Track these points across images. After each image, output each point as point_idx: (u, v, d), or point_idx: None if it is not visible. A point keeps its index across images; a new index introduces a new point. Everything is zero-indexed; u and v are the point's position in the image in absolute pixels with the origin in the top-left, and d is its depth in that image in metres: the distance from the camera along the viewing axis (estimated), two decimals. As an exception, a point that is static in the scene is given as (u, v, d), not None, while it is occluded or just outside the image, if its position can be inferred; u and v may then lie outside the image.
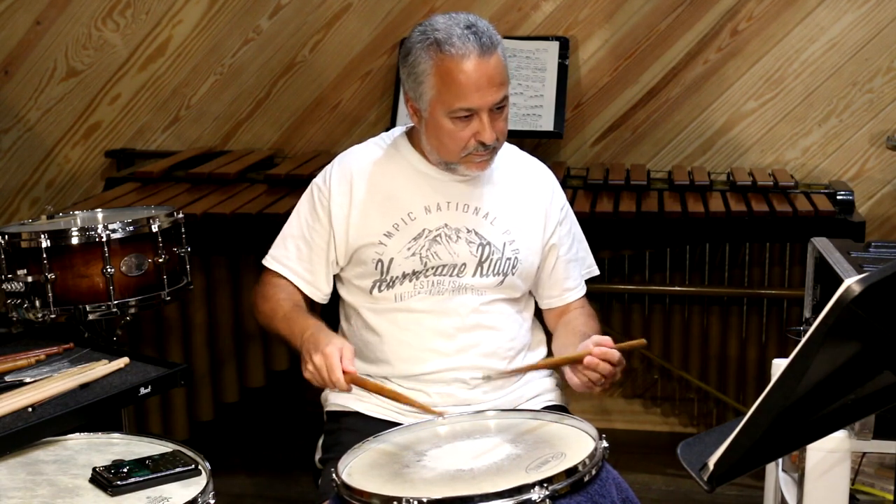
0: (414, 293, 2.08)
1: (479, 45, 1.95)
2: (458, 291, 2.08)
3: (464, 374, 2.07)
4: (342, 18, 3.60)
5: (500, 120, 2.01)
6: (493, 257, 2.09)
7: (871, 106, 3.37)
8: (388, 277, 2.08)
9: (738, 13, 3.39)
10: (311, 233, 2.13)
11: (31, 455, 1.81)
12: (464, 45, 1.94)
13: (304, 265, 2.14)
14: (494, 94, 1.97)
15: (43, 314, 2.26)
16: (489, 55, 1.95)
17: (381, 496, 1.59)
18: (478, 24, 1.98)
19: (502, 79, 1.98)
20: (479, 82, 1.95)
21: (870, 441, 1.99)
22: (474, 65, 1.94)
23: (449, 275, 2.08)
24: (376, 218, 2.09)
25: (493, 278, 2.09)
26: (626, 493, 1.77)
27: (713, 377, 3.32)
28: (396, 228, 2.08)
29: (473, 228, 2.09)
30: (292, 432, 3.61)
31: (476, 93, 1.95)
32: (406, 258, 2.07)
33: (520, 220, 2.13)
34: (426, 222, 2.08)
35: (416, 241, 2.07)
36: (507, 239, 2.11)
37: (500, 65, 1.98)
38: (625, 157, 3.52)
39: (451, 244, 2.08)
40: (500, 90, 1.98)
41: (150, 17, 3.67)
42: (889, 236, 3.41)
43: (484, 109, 1.97)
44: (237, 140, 3.74)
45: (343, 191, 2.11)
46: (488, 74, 1.95)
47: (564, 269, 2.20)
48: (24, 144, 3.82)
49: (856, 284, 1.08)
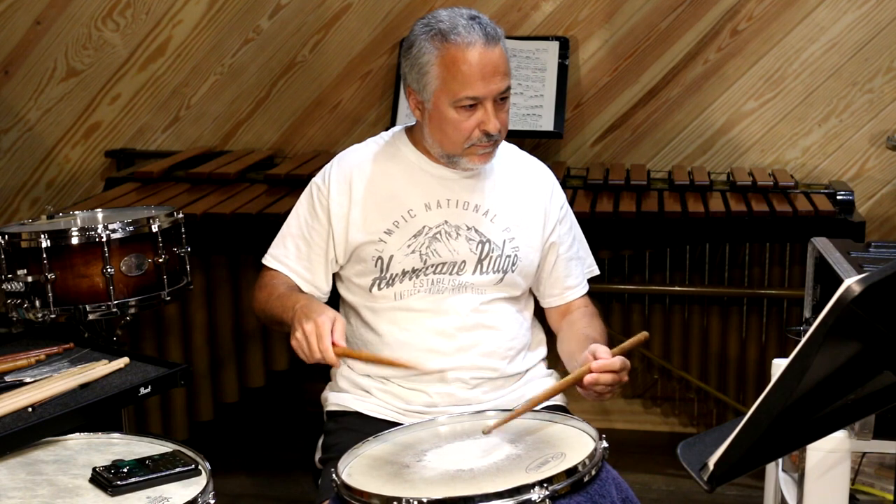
0: (413, 291, 2.08)
1: (484, 34, 1.97)
2: (457, 290, 2.08)
3: (463, 373, 2.07)
4: (342, 18, 3.60)
5: (502, 111, 2.03)
6: (492, 254, 2.09)
7: (871, 106, 3.37)
8: (387, 275, 2.08)
9: (738, 13, 3.39)
10: (311, 231, 2.13)
11: (31, 455, 1.80)
12: (469, 35, 1.96)
13: (304, 264, 2.14)
14: (499, 83, 1.99)
15: (43, 314, 2.26)
16: (494, 45, 1.98)
17: (381, 496, 1.59)
18: (481, 16, 2.02)
19: (506, 69, 2.01)
20: (484, 71, 1.96)
21: (870, 441, 2.00)
22: (480, 53, 1.96)
23: (448, 273, 2.08)
24: (376, 216, 2.09)
25: (493, 276, 2.09)
26: (625, 493, 1.77)
27: (713, 377, 3.32)
28: (396, 226, 2.08)
29: (473, 226, 2.09)
30: (292, 432, 3.61)
31: (481, 81, 1.97)
32: (406, 255, 2.07)
33: (519, 217, 2.13)
34: (426, 219, 2.08)
35: (415, 239, 2.07)
36: (507, 236, 2.11)
37: (503, 56, 2.00)
38: (625, 157, 3.52)
39: (450, 241, 2.08)
40: (504, 80, 2.00)
41: (150, 17, 3.68)
42: (889, 236, 3.41)
43: (489, 99, 1.98)
44: (237, 140, 3.74)
45: (342, 189, 2.11)
46: (493, 63, 1.97)
47: (565, 268, 2.20)
48: (24, 144, 3.82)
49: (856, 284, 1.08)
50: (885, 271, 1.09)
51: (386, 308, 2.10)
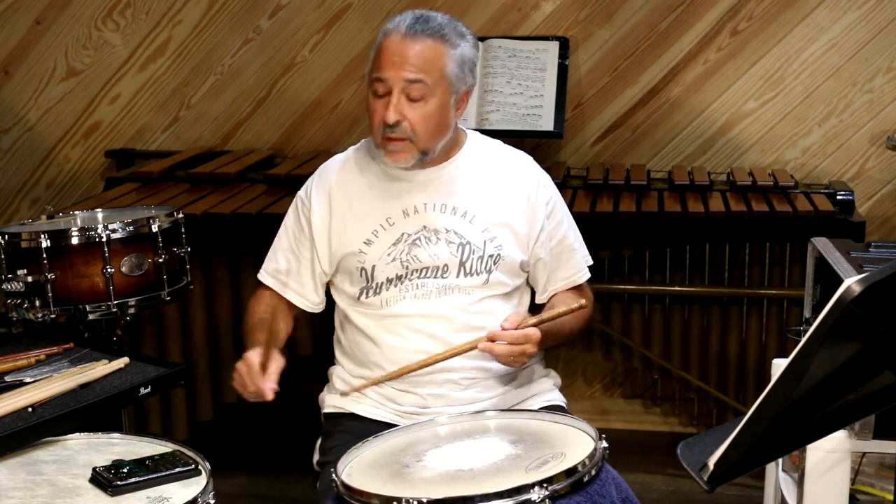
0: (399, 298, 2.08)
1: (410, 27, 2.00)
2: (443, 292, 2.07)
3: (454, 374, 2.06)
4: (342, 18, 3.60)
5: (414, 108, 2.00)
6: (473, 256, 2.08)
7: (871, 106, 3.37)
8: (373, 284, 2.09)
9: (738, 13, 3.39)
10: (298, 245, 2.15)
11: (31, 455, 1.81)
12: (395, 25, 2.02)
13: (294, 277, 2.16)
14: (406, 72, 1.98)
15: (43, 314, 2.26)
16: (415, 39, 1.99)
17: (380, 496, 1.59)
18: (433, 17, 2.03)
19: (420, 69, 1.98)
20: (393, 56, 1.99)
21: (870, 441, 1.99)
22: (396, 40, 2.00)
23: (433, 276, 2.08)
24: (355, 226, 2.10)
25: (478, 277, 2.09)
26: (625, 492, 1.77)
27: (713, 377, 3.32)
28: (376, 235, 2.08)
29: (452, 228, 2.08)
30: (292, 432, 3.60)
31: (388, 64, 1.99)
32: (387, 264, 2.07)
33: (501, 215, 2.11)
34: (404, 226, 2.08)
35: (395, 247, 2.07)
36: (488, 237, 2.09)
37: (426, 53, 1.99)
38: (625, 157, 3.51)
39: (430, 246, 2.07)
40: (413, 72, 1.98)
41: (150, 17, 3.67)
42: (889, 236, 3.41)
43: (395, 86, 1.99)
44: (237, 140, 3.74)
45: (322, 202, 2.12)
46: (405, 53, 1.98)
47: (567, 257, 2.19)
48: (24, 144, 3.82)
49: (856, 284, 1.08)
50: (885, 271, 1.09)
51: (375, 315, 2.10)
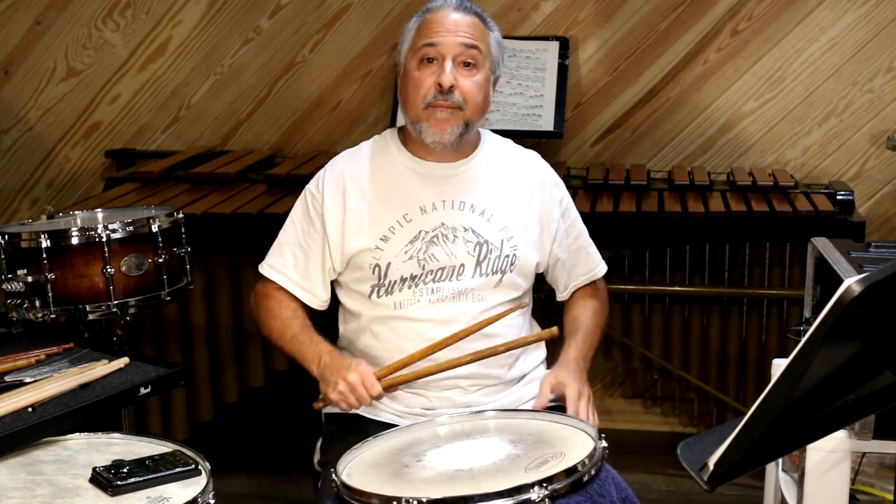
0: (414, 301, 2.06)
1: (459, 3, 2.05)
2: (457, 298, 2.06)
3: (462, 381, 2.06)
4: (342, 18, 3.60)
5: (467, 79, 2.02)
6: (491, 255, 2.08)
7: (871, 106, 3.37)
8: (385, 282, 2.06)
9: (738, 13, 3.39)
10: (307, 240, 2.12)
11: (31, 455, 1.80)
12: (440, 3, 2.06)
13: (301, 272, 2.12)
14: (461, 40, 2.01)
15: (43, 314, 2.26)
16: (466, 13, 2.04)
17: (380, 496, 1.59)
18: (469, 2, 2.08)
19: (475, 37, 2.03)
20: (447, 25, 2.02)
21: (870, 441, 1.99)
22: (447, 13, 2.04)
23: (448, 279, 2.06)
24: (371, 222, 2.07)
25: (492, 277, 2.08)
26: (625, 492, 1.77)
27: (713, 377, 3.32)
28: (392, 231, 2.06)
29: (471, 227, 2.07)
30: (292, 432, 3.61)
31: (442, 31, 2.02)
32: (404, 262, 2.05)
33: (517, 215, 2.12)
34: (422, 223, 2.06)
35: (412, 244, 2.05)
36: (505, 236, 2.09)
37: (476, 27, 2.04)
38: (625, 157, 3.52)
39: (448, 244, 2.06)
40: (469, 40, 2.02)
41: (150, 17, 3.68)
42: (889, 236, 3.41)
43: (448, 54, 2.01)
44: (237, 140, 3.74)
45: (336, 197, 2.09)
46: (459, 23, 2.03)
47: (585, 253, 2.24)
48: (24, 144, 3.82)
49: (856, 284, 1.08)
50: (885, 271, 1.09)
51: (386, 316, 2.08)
